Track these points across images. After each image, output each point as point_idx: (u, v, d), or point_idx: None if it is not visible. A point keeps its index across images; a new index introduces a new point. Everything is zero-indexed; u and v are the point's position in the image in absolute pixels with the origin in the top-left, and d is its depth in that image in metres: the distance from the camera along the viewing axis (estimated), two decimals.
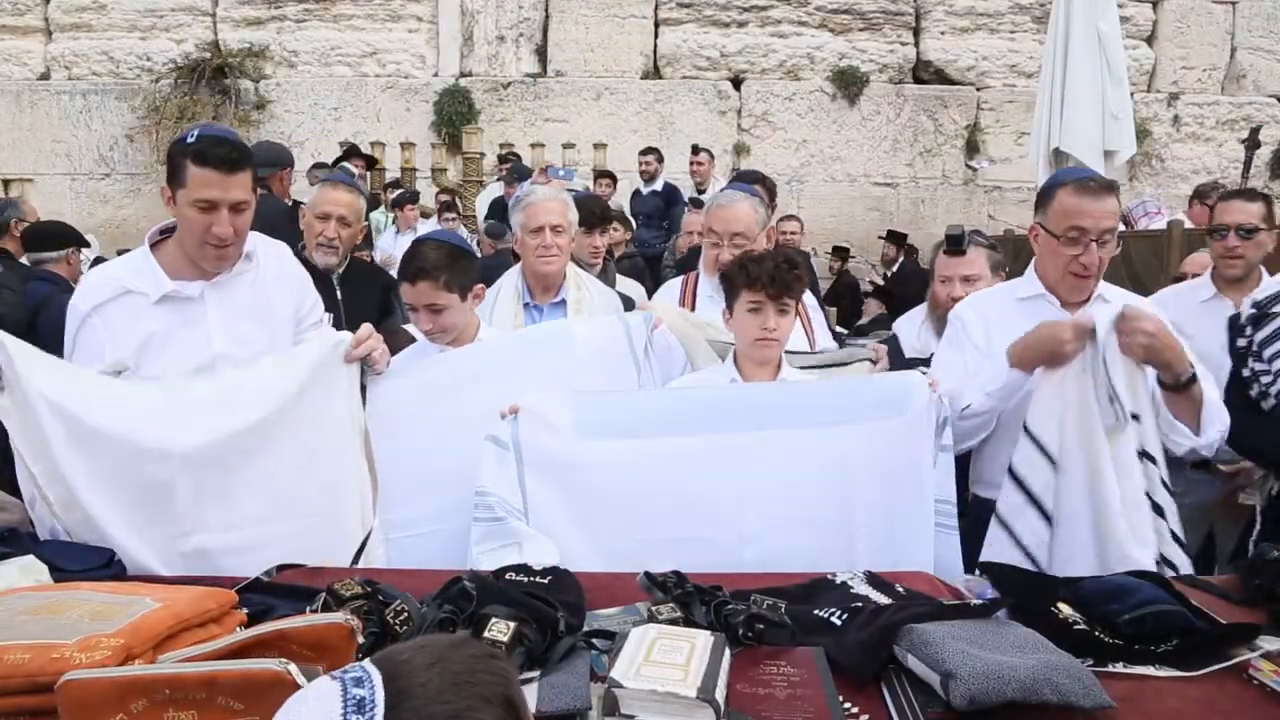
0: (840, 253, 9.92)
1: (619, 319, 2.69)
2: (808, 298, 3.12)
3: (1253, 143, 8.27)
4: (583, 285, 3.17)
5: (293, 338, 2.47)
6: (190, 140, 2.23)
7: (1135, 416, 2.24)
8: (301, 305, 2.54)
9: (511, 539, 2.14)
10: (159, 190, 2.35)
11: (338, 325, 3.12)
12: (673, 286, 3.21)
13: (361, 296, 3.36)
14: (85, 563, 1.90)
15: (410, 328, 2.94)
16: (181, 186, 2.22)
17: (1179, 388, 2.27)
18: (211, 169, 2.19)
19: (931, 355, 2.90)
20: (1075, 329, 2.26)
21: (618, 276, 4.37)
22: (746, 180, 4.20)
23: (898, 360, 2.99)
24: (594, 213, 4.21)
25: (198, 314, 2.31)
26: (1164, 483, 2.29)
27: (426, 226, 8.10)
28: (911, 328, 3.07)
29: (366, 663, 0.93)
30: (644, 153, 9.24)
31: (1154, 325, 2.23)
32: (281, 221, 4.65)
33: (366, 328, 2.37)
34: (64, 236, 4.83)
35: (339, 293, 3.31)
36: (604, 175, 9.02)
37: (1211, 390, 2.33)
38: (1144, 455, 2.27)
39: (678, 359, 2.73)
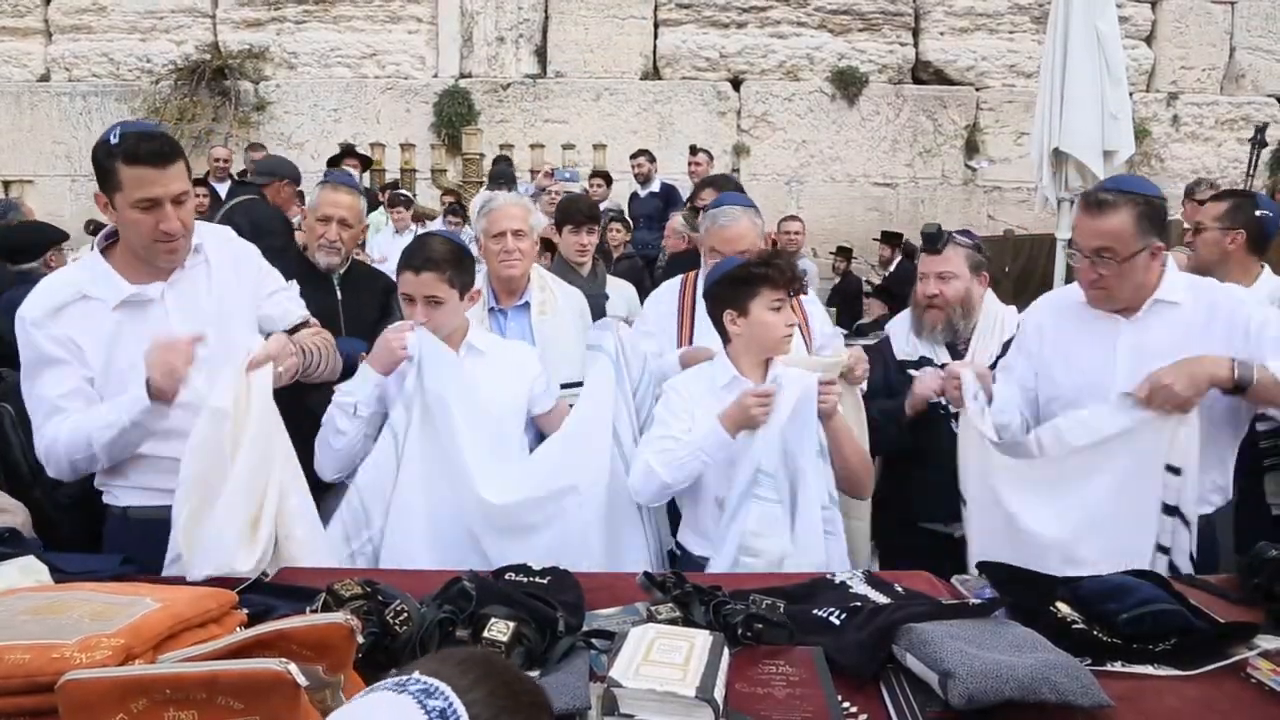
0: (844, 253, 9.93)
1: (609, 335, 2.74)
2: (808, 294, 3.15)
3: (1259, 141, 8.25)
4: (546, 287, 3.18)
5: (256, 314, 2.45)
6: (115, 141, 2.12)
7: (1174, 469, 2.19)
8: (258, 278, 2.49)
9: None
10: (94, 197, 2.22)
11: (336, 325, 3.12)
12: (671, 286, 3.20)
13: (361, 298, 3.36)
14: (87, 567, 1.91)
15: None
16: (117, 190, 2.13)
17: (1237, 390, 2.18)
18: (145, 166, 2.11)
19: (921, 358, 2.90)
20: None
21: (609, 278, 4.39)
22: (720, 186, 4.25)
23: (889, 361, 2.98)
24: (580, 211, 4.25)
25: (158, 316, 2.22)
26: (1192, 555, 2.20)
27: (431, 227, 8.11)
28: (903, 328, 3.05)
29: (419, 675, 0.92)
30: (634, 156, 9.15)
31: (1170, 379, 2.16)
32: (272, 224, 4.62)
33: (276, 341, 2.24)
34: (43, 244, 4.26)
35: (339, 293, 3.31)
36: (597, 175, 9.01)
37: None
38: (1173, 511, 2.19)
39: (635, 362, 2.74)
